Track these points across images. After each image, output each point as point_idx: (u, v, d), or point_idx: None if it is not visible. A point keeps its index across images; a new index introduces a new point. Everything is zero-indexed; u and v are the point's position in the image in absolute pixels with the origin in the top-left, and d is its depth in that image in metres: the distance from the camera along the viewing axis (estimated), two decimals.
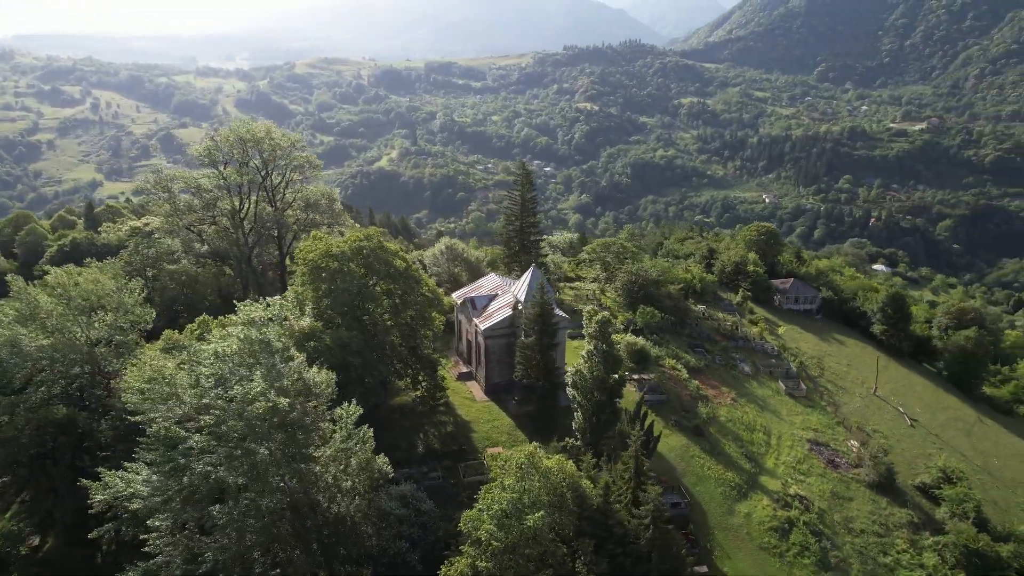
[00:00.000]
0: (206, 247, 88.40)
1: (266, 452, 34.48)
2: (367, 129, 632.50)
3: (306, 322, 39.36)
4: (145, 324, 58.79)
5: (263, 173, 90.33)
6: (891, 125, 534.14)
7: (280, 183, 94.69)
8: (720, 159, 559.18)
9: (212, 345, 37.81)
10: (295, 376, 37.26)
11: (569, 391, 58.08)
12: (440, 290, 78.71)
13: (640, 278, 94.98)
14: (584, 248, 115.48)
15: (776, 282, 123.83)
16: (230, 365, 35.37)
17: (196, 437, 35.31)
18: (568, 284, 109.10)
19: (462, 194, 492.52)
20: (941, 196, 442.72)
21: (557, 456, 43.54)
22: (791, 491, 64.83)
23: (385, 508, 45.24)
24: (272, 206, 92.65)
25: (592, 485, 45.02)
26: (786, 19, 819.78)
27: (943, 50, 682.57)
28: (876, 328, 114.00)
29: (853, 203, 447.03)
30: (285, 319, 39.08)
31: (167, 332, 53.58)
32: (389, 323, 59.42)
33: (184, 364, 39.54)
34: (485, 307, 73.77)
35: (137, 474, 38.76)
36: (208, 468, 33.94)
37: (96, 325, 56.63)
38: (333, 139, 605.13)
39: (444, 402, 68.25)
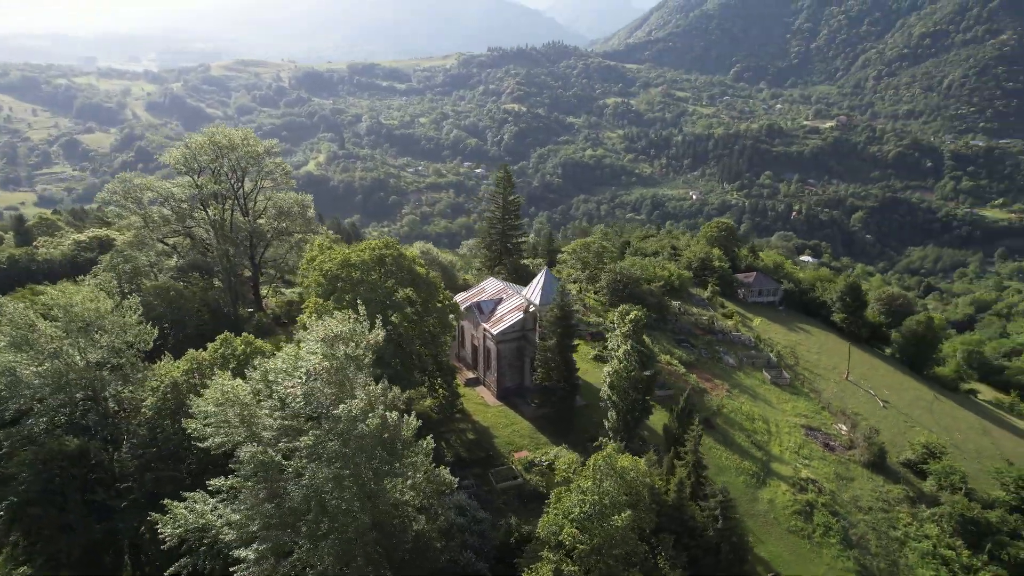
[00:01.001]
0: (180, 260, 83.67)
1: (370, 471, 33.00)
2: (290, 133, 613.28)
3: (381, 335, 37.78)
4: (145, 344, 55.17)
5: (234, 181, 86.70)
6: (804, 123, 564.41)
7: (252, 191, 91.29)
8: (647, 158, 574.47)
9: (281, 363, 35.79)
10: (380, 389, 35.87)
11: (605, 390, 58.35)
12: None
13: (625, 276, 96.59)
14: (563, 249, 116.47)
15: (740, 276, 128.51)
16: (319, 383, 33.56)
17: (287, 460, 33.43)
18: None
19: (394, 197, 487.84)
20: (853, 189, 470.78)
21: (627, 455, 43.69)
22: (803, 475, 67.50)
23: (450, 519, 44.18)
24: (244, 215, 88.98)
25: (662, 481, 45.49)
26: (702, 21, 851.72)
27: (844, 53, 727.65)
28: (836, 316, 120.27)
29: (775, 198, 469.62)
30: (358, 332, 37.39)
31: (191, 352, 50.22)
32: (412, 332, 57.85)
33: (248, 384, 37.18)
34: (492, 311, 73.06)
35: (202, 503, 36.45)
36: (308, 491, 32.06)
37: (96, 348, 52.95)
38: None
39: (460, 409, 67.19)
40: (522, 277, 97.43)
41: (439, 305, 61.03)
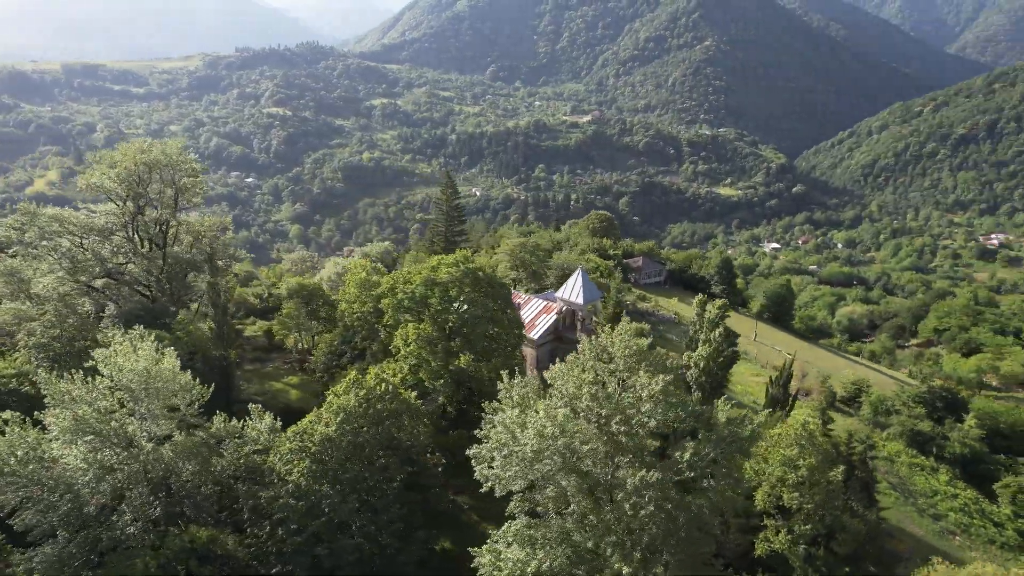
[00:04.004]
0: (114, 307, 68.23)
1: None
2: None
3: (645, 342, 36.65)
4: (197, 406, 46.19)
5: (169, 204, 73.11)
6: (564, 118, 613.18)
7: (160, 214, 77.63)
8: (424, 157, 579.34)
9: (591, 388, 33.44)
10: None
11: (693, 372, 61.19)
12: None
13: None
14: (496, 250, 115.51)
15: (629, 261, 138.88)
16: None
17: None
18: None
19: None
20: (615, 177, 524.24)
21: (813, 420, 47.61)
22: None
23: None
24: (160, 245, 75.21)
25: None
26: (454, 22, 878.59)
27: (586, 53, 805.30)
28: (716, 288, 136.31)
29: (552, 189, 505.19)
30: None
31: (334, 401, 42.66)
32: (505, 346, 55.20)
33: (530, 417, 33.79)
34: None
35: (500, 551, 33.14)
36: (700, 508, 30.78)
37: (164, 419, 43.67)
38: None
39: None
40: None
41: (514, 314, 58.93)
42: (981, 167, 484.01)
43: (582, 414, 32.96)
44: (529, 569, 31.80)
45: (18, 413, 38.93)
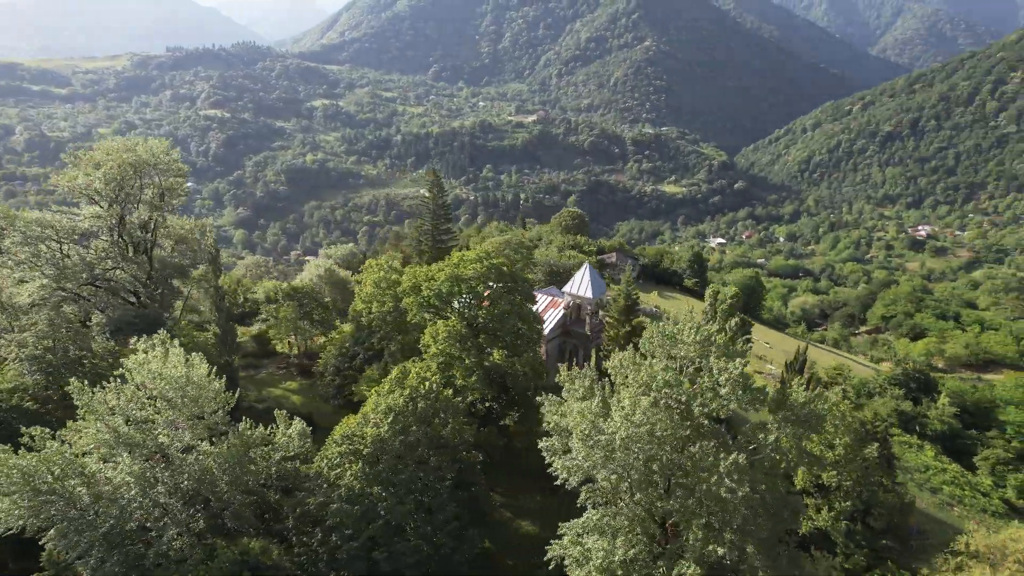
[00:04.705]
0: (101, 314, 64.50)
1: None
2: None
3: (715, 327, 37.12)
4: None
5: (156, 205, 69.70)
6: (509, 118, 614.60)
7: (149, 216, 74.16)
8: (370, 159, 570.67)
9: (666, 377, 33.72)
10: None
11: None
12: None
13: (561, 268, 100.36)
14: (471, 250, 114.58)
15: (603, 257, 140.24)
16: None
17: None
18: None
19: None
20: (563, 176, 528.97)
21: (843, 399, 49.32)
22: None
23: None
24: (146, 249, 71.82)
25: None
26: (394, 22, 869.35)
27: (528, 54, 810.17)
28: (688, 282, 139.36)
29: (500, 189, 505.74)
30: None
31: (383, 405, 41.44)
32: (529, 340, 54.82)
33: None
34: None
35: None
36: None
37: (195, 426, 41.90)
38: None
39: None
40: None
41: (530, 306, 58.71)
42: (906, 163, 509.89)
43: (663, 401, 33.16)
44: (616, 558, 31.83)
45: (46, 429, 36.49)
